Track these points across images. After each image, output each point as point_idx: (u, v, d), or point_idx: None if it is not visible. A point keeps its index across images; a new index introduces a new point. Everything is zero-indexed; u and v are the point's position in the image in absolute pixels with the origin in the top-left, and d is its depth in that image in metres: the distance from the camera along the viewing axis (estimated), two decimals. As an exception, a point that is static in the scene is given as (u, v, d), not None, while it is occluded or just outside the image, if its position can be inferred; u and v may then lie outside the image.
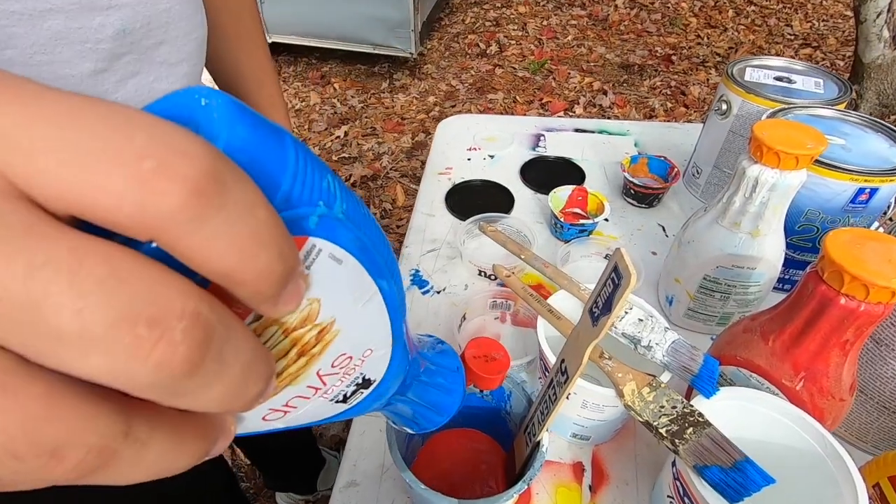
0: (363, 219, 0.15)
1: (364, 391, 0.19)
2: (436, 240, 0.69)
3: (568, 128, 0.93)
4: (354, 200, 0.15)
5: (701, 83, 2.49)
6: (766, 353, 0.39)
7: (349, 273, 0.14)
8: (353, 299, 0.15)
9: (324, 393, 0.17)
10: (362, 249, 0.14)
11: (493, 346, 0.30)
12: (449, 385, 0.26)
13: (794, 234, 0.55)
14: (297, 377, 0.15)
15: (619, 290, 0.25)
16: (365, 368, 0.18)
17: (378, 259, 0.15)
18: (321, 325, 0.14)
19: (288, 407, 0.16)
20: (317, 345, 0.15)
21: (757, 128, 0.44)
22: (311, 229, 0.12)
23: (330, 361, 0.16)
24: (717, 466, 0.32)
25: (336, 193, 0.13)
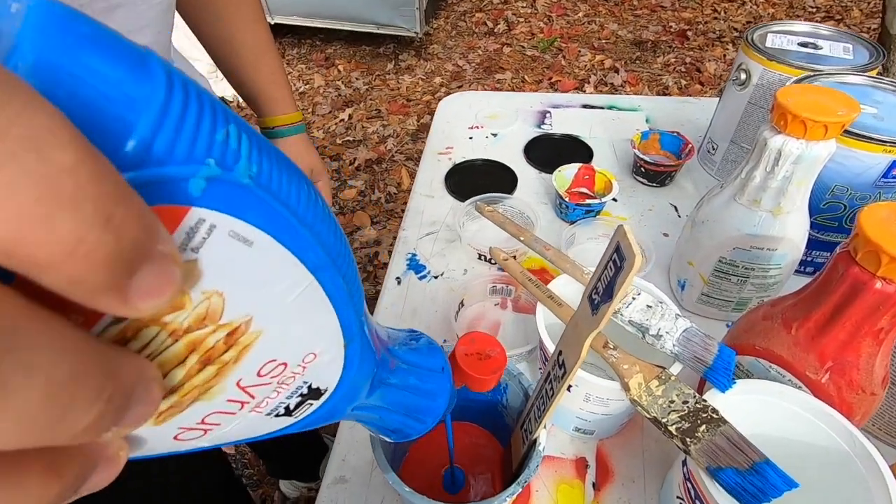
0: (291, 189, 0.12)
1: (314, 402, 0.16)
2: (434, 222, 0.66)
3: (575, 104, 0.89)
4: (278, 164, 0.11)
5: (717, 59, 2.40)
6: (789, 342, 0.35)
7: (266, 258, 0.11)
8: (278, 292, 0.12)
9: (255, 407, 0.14)
10: (286, 228, 0.11)
11: (487, 342, 0.27)
12: (429, 387, 0.23)
13: (819, 212, 0.51)
14: (208, 390, 0.12)
15: (621, 274, 0.21)
16: (309, 376, 0.15)
17: (312, 241, 0.12)
18: (231, 326, 0.11)
19: (206, 425, 0.13)
20: (228, 350, 0.11)
21: (781, 94, 0.40)
22: (194, 196, 0.09)
23: (254, 370, 0.13)
24: (733, 468, 0.29)
25: (243, 151, 0.10)
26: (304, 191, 0.12)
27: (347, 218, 1.67)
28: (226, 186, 0.10)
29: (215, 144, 0.10)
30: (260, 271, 0.11)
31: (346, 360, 0.16)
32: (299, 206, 0.12)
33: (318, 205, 0.13)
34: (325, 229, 0.13)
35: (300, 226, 0.12)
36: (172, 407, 0.12)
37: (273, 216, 0.11)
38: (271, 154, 0.11)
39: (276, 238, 0.11)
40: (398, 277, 0.59)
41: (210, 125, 0.09)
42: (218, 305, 0.11)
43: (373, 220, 1.66)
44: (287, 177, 0.11)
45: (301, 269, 0.12)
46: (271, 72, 0.56)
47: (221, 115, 0.10)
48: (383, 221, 1.66)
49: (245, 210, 0.10)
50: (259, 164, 0.11)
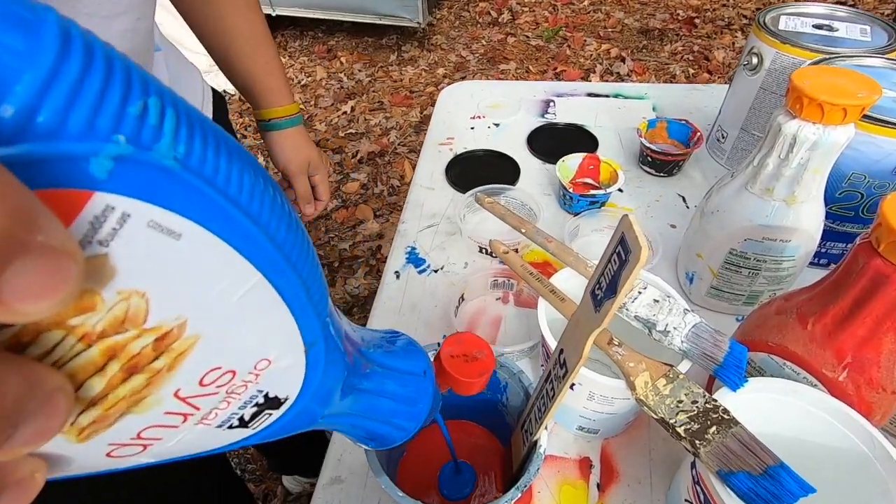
0: (232, 175, 0.10)
1: (273, 412, 0.14)
2: (434, 215, 0.64)
3: (580, 92, 0.86)
4: (216, 147, 0.10)
5: (726, 47, 2.35)
6: (804, 338, 0.34)
7: (200, 253, 0.09)
8: (217, 293, 0.10)
9: (201, 419, 0.12)
10: (225, 219, 0.10)
11: (474, 343, 0.25)
12: (408, 392, 0.21)
13: (835, 201, 0.49)
14: (139, 402, 0.10)
15: (626, 268, 0.20)
16: (264, 384, 0.13)
17: (259, 235, 0.10)
18: (160, 330, 0.10)
19: (143, 440, 0.11)
20: (159, 357, 0.10)
21: (797, 76, 0.38)
22: (98, 179, 0.08)
23: (195, 379, 0.11)
24: (746, 472, 0.28)
25: (166, 129, 0.09)
26: (249, 178, 0.10)
27: (350, 211, 1.66)
28: (142, 169, 0.08)
29: (127, 118, 0.08)
30: (193, 268, 0.10)
31: (309, 365, 0.14)
32: (242, 195, 0.10)
33: (267, 194, 0.11)
34: (276, 221, 0.11)
35: (243, 217, 0.10)
36: (96, 421, 0.10)
37: (207, 205, 0.09)
38: (209, 135, 0.10)
39: (212, 230, 0.09)
40: (397, 271, 0.57)
41: (121, 95, 0.08)
42: (140, 307, 0.09)
43: (375, 213, 1.65)
44: (229, 162, 0.10)
45: (245, 265, 0.10)
46: (266, 61, 0.54)
47: (139, 86, 0.08)
48: (386, 214, 1.64)
49: (169, 197, 0.09)
50: (189, 145, 0.09)
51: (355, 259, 1.51)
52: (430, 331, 0.51)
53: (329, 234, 1.59)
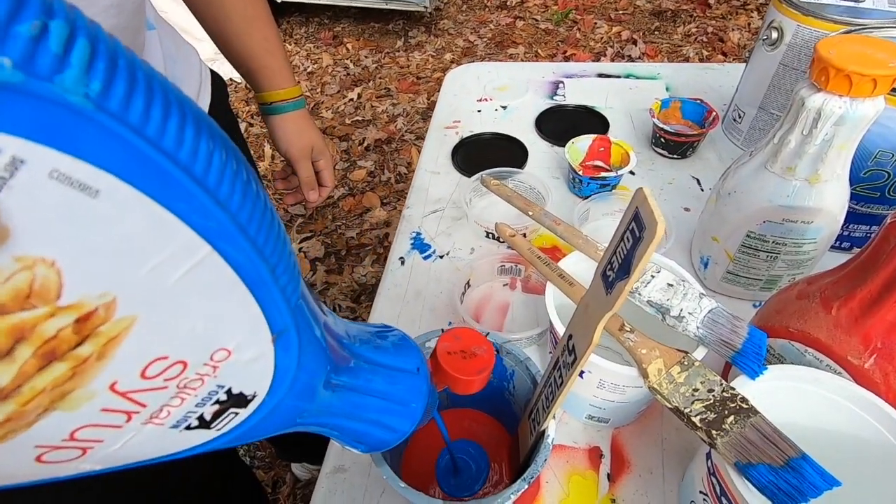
0: (168, 125, 0.08)
1: (240, 411, 0.13)
2: (440, 199, 0.63)
3: (590, 73, 0.84)
4: (146, 89, 0.08)
5: (741, 28, 2.29)
6: (828, 323, 0.32)
7: (126, 216, 0.08)
8: (153, 266, 0.09)
9: (150, 417, 0.11)
10: (158, 176, 0.08)
11: (473, 339, 0.24)
12: (399, 391, 0.20)
13: (859, 181, 0.47)
14: (65, 396, 0.09)
15: (641, 246, 0.18)
16: (225, 378, 0.12)
17: (205, 198, 0.09)
18: (80, 309, 0.08)
19: (80, 442, 0.10)
20: (84, 343, 0.08)
21: (822, 45, 0.35)
22: None
23: (135, 370, 0.10)
24: (766, 465, 0.26)
25: (75, 60, 0.07)
26: (192, 133, 0.09)
27: (357, 199, 1.65)
28: (38, 104, 0.07)
29: (14, 38, 0.06)
30: (118, 235, 0.08)
31: (279, 358, 0.13)
32: (182, 152, 0.08)
33: (218, 155, 0.09)
34: (231, 187, 0.10)
35: (184, 177, 0.09)
36: (12, 419, 0.09)
37: (134, 157, 0.08)
38: (140, 78, 0.08)
39: (142, 189, 0.08)
40: (402, 257, 0.56)
41: (8, 9, 0.06)
42: (50, 279, 0.08)
43: (383, 200, 1.64)
44: (165, 111, 0.08)
45: (189, 235, 0.09)
46: (265, 40, 0.53)
47: (38, 5, 0.07)
48: (393, 202, 1.63)
49: (79, 143, 0.07)
50: (108, 84, 0.07)
51: (363, 247, 1.50)
52: (435, 317, 0.50)
53: (336, 222, 1.59)
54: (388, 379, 0.19)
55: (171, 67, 0.42)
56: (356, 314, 1.33)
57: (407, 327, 0.49)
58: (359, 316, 1.33)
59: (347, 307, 1.35)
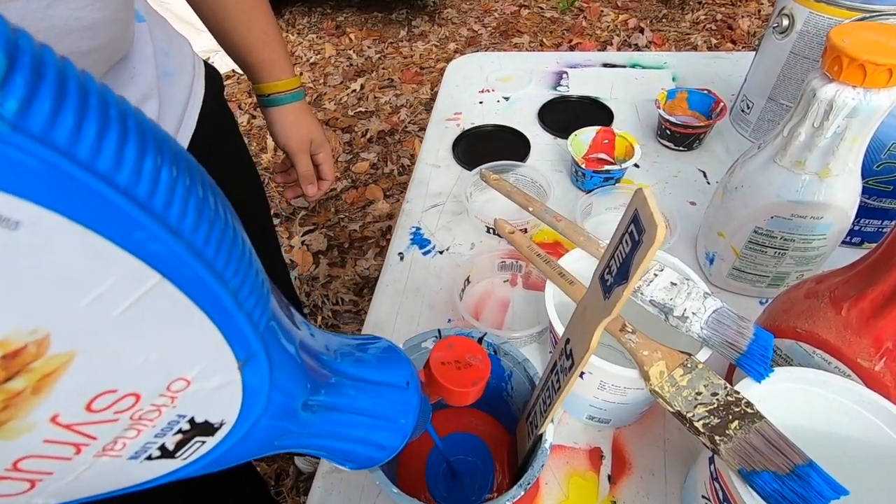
0: (104, 143, 0.08)
1: (206, 439, 0.12)
2: (440, 193, 0.62)
3: (595, 63, 0.82)
4: (79, 103, 0.07)
5: (751, 15, 2.24)
6: (838, 324, 0.31)
7: (56, 248, 0.07)
8: (93, 299, 0.08)
9: (103, 449, 0.10)
10: (93, 203, 0.07)
11: (468, 348, 0.23)
12: (386, 407, 0.19)
13: (872, 174, 0.45)
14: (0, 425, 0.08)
15: (640, 250, 0.17)
16: (186, 408, 0.11)
17: (153, 225, 0.08)
18: (8, 346, 0.07)
19: (26, 473, 0.09)
20: (15, 377, 0.08)
21: (835, 33, 0.34)
22: None
23: (80, 403, 0.09)
24: (771, 472, 0.25)
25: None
26: (135, 148, 0.08)
27: (360, 192, 1.64)
28: None
29: None
30: (47, 269, 0.07)
31: (247, 384, 0.12)
32: (121, 171, 0.08)
33: (167, 172, 0.09)
34: (182, 209, 0.09)
35: (127, 202, 0.08)
36: None
37: (62, 184, 0.07)
38: (73, 90, 0.07)
39: (73, 218, 0.07)
40: (401, 253, 0.55)
41: None
42: None
43: (385, 193, 1.63)
44: (102, 128, 0.07)
45: (135, 264, 0.08)
46: (263, 31, 0.52)
47: None
48: (396, 195, 1.62)
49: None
50: (28, 102, 0.07)
51: (365, 240, 1.50)
52: (434, 314, 0.49)
53: (339, 214, 1.58)
54: (373, 395, 0.18)
55: (162, 61, 0.41)
56: (359, 307, 1.33)
57: (405, 325, 0.48)
58: (361, 309, 1.32)
59: (350, 300, 1.34)
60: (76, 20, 0.27)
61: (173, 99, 0.42)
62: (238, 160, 0.58)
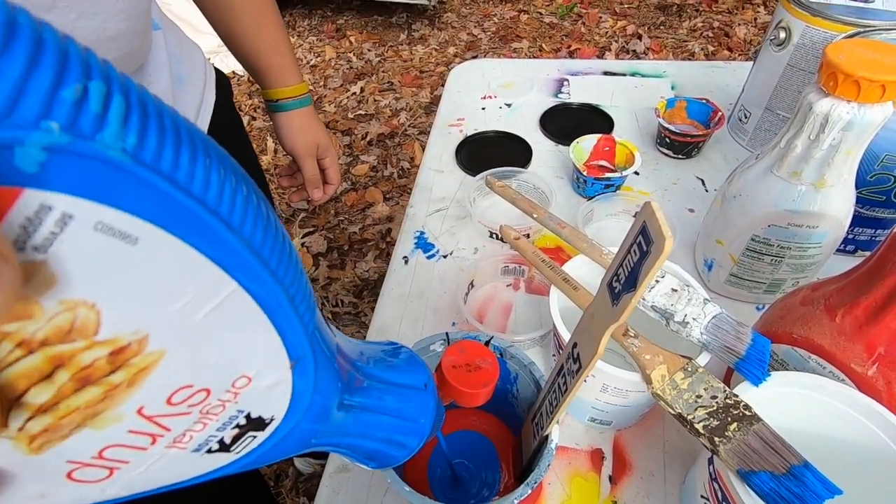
0: (197, 170, 0.09)
1: (258, 434, 0.13)
2: (444, 198, 0.63)
3: (595, 71, 0.83)
4: (175, 135, 0.08)
5: (748, 23, 2.27)
6: (832, 330, 0.32)
7: (161, 260, 0.08)
8: (184, 305, 0.09)
9: (173, 441, 0.11)
10: (190, 220, 0.08)
11: (478, 352, 0.24)
12: (408, 408, 0.20)
13: (865, 185, 0.46)
14: (96, 416, 0.09)
15: (648, 260, 0.18)
16: (245, 404, 0.12)
17: (233, 239, 0.09)
18: (115, 344, 0.09)
19: (107, 461, 0.10)
20: (116, 371, 0.09)
21: (831, 49, 0.35)
22: (27, 173, 0.06)
23: (161, 397, 0.10)
24: (768, 472, 0.26)
25: (112, 117, 0.07)
26: (217, 175, 0.09)
27: (360, 194, 1.65)
28: (84, 162, 0.07)
29: (62, 103, 0.07)
30: (153, 278, 0.08)
31: (296, 383, 0.13)
32: (210, 194, 0.09)
33: (241, 193, 0.10)
34: (252, 224, 0.10)
35: (213, 219, 0.09)
36: (48, 430, 0.09)
37: (167, 205, 0.08)
38: (169, 125, 0.08)
39: (176, 234, 0.08)
40: (405, 257, 0.56)
41: (53, 77, 0.07)
42: (89, 319, 0.08)
43: (385, 196, 1.63)
44: (193, 156, 0.09)
45: (217, 273, 0.09)
46: (272, 39, 0.52)
47: (79, 68, 0.07)
48: (396, 197, 1.63)
49: (120, 195, 0.07)
50: (142, 136, 0.08)
51: (365, 242, 1.50)
52: (438, 318, 0.50)
53: (339, 217, 1.59)
54: (399, 397, 0.19)
55: (176, 67, 0.42)
56: (358, 309, 1.34)
57: (410, 328, 0.49)
58: (361, 311, 1.33)
59: (350, 302, 1.35)
60: (103, 31, 0.28)
61: (186, 105, 0.43)
62: (247, 165, 0.59)
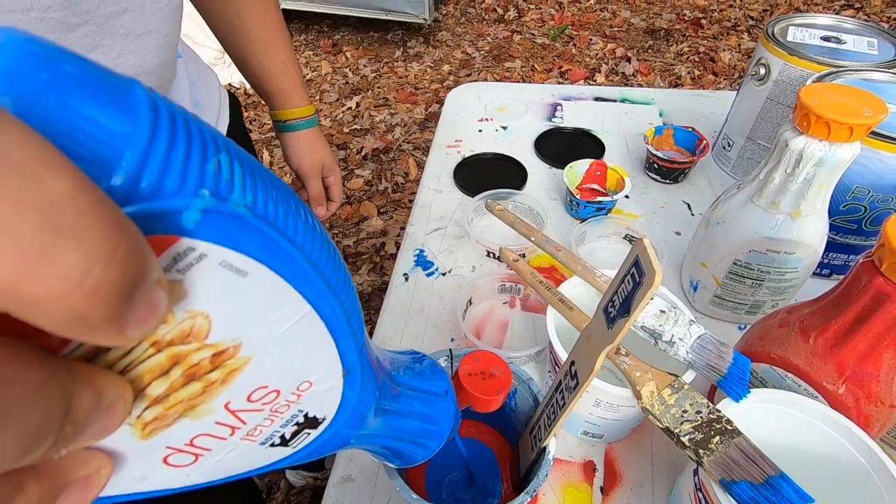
0: (288, 216, 0.11)
1: (311, 431, 0.15)
2: (443, 217, 0.65)
3: (587, 96, 0.87)
4: (273, 190, 0.11)
5: (732, 49, 2.35)
6: (806, 351, 0.35)
7: (261, 288, 0.11)
8: (271, 321, 0.12)
9: (247, 434, 0.13)
10: (283, 258, 0.11)
11: (492, 361, 0.26)
12: (432, 413, 0.22)
13: (838, 214, 0.50)
14: (195, 407, 0.12)
15: (639, 290, 0.21)
16: (305, 405, 0.14)
17: (310, 270, 0.12)
18: (218, 347, 0.11)
19: (195, 448, 0.13)
20: (215, 370, 0.11)
21: (804, 93, 0.38)
22: (188, 228, 0.09)
23: (244, 394, 0.12)
24: (747, 482, 0.29)
25: (237, 181, 0.10)
26: (300, 216, 0.12)
27: (354, 208, 1.67)
28: (221, 218, 0.09)
29: (207, 175, 0.09)
30: (253, 300, 0.11)
31: (345, 388, 0.15)
32: (297, 235, 0.11)
33: (314, 230, 0.12)
34: (324, 256, 0.12)
35: (298, 255, 0.11)
36: (158, 418, 0.11)
37: (270, 246, 0.10)
38: (265, 179, 0.11)
39: (273, 269, 0.11)
40: (406, 274, 0.58)
41: (200, 156, 0.09)
42: (203, 326, 0.10)
43: (379, 210, 1.66)
44: (283, 203, 0.11)
45: (298, 298, 0.12)
46: (282, 62, 0.55)
47: (212, 145, 0.09)
48: (390, 212, 1.65)
49: (240, 241, 0.10)
50: (254, 193, 0.10)
51: (359, 256, 1.52)
52: (438, 333, 0.52)
53: (333, 230, 1.60)
54: (424, 402, 0.22)
55: (195, 93, 0.44)
56: (352, 322, 1.35)
57: (411, 342, 0.51)
58: (354, 324, 1.34)
59: (343, 315, 1.36)
60: (141, 66, 0.30)
61: (203, 128, 0.45)
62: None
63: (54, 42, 0.07)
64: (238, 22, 0.51)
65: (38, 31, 0.27)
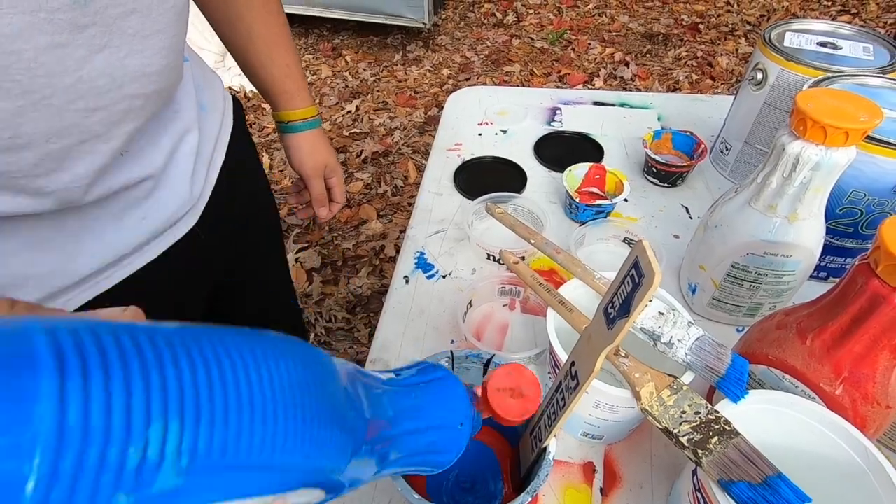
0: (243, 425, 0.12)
1: None
2: (443, 220, 0.66)
3: (586, 100, 0.88)
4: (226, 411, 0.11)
5: (729, 53, 2.36)
6: (803, 352, 0.35)
7: None
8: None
9: None
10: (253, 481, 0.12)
11: (524, 378, 0.25)
12: (438, 445, 0.22)
13: (835, 217, 0.50)
14: None
15: (639, 291, 0.21)
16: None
17: (298, 461, 0.14)
18: None
19: None
20: None
21: (801, 98, 0.39)
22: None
23: None
24: (745, 482, 0.29)
25: (168, 450, 0.10)
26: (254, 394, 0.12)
27: (354, 211, 1.67)
28: (154, 499, 0.10)
29: (123, 477, 0.09)
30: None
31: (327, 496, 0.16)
32: (253, 443, 0.12)
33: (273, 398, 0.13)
34: (282, 439, 0.13)
35: (272, 466, 0.12)
36: None
37: (224, 485, 0.11)
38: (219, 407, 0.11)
39: (246, 495, 0.12)
40: (406, 276, 0.59)
41: (118, 458, 0.09)
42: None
43: (379, 213, 1.66)
44: (272, 421, 0.12)
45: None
46: (285, 64, 0.55)
47: (137, 429, 0.09)
48: (389, 215, 1.66)
49: None
50: (193, 446, 0.10)
51: (359, 259, 1.52)
52: (438, 335, 0.52)
53: (333, 233, 1.61)
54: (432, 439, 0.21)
55: (200, 96, 0.44)
56: (351, 325, 1.35)
57: (412, 345, 0.52)
58: (354, 327, 1.34)
59: (343, 318, 1.36)
60: (146, 67, 0.31)
61: (208, 131, 0.45)
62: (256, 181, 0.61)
63: None
64: (240, 24, 0.51)
65: (48, 31, 0.27)
